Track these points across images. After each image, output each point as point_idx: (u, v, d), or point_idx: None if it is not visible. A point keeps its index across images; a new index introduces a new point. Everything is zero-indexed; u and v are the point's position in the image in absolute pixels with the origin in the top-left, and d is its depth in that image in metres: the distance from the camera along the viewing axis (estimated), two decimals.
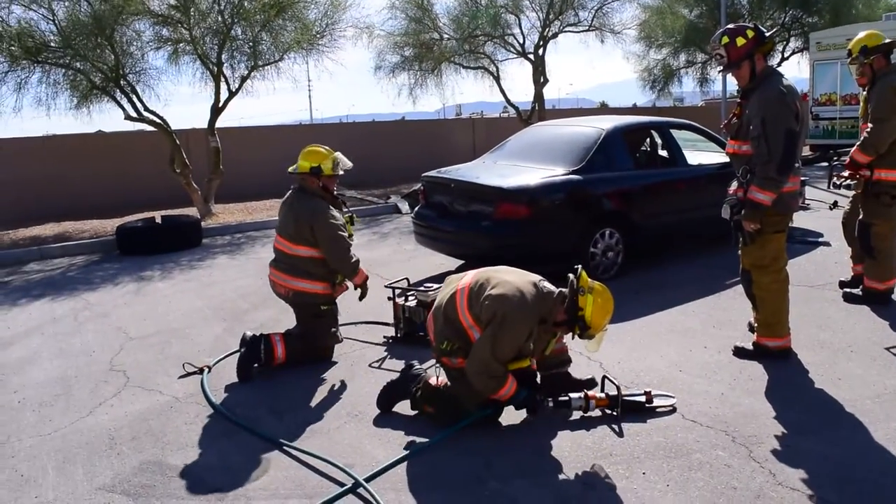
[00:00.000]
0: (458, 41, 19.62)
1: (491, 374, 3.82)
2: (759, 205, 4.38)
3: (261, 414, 4.37)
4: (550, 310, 3.90)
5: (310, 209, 5.11)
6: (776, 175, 4.32)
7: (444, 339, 4.01)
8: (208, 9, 12.99)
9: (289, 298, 5.27)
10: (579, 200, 6.91)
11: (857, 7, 22.54)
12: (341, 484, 3.47)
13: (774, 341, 4.75)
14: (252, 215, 13.11)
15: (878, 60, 5.74)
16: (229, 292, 7.57)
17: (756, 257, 4.62)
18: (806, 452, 3.53)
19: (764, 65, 4.50)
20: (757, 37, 4.42)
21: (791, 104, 4.31)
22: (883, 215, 5.71)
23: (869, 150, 5.61)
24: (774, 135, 4.29)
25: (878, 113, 5.57)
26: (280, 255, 5.27)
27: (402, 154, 17.87)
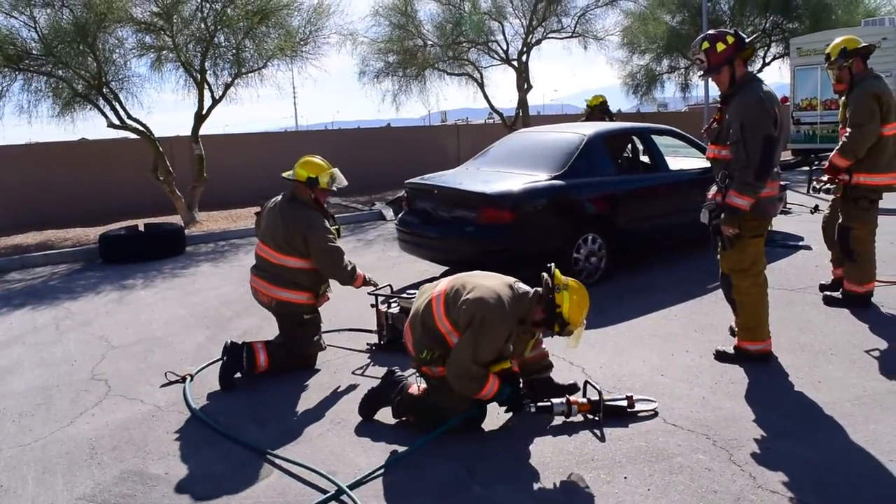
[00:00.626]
0: (442, 48, 19.68)
1: (472, 377, 3.84)
2: (737, 210, 4.41)
3: (243, 422, 4.35)
4: (528, 310, 3.94)
5: (304, 219, 5.06)
6: (754, 180, 4.34)
7: (423, 348, 4.01)
8: (191, 16, 12.99)
9: (271, 307, 5.25)
10: (562, 205, 6.95)
11: (837, 13, 22.76)
12: (324, 492, 3.47)
13: (755, 345, 4.78)
14: (236, 223, 13.06)
15: (857, 64, 5.77)
16: (212, 300, 7.54)
17: (735, 261, 4.65)
18: (786, 455, 3.56)
19: (744, 71, 4.54)
20: (737, 43, 4.45)
21: (770, 110, 4.34)
22: (861, 219, 5.76)
23: (848, 154, 5.65)
24: (753, 140, 4.32)
25: (857, 118, 5.61)
26: (263, 263, 5.23)
27: (388, 161, 17.87)
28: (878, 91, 5.63)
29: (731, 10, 23.42)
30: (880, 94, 5.62)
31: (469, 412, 3.99)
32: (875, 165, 5.65)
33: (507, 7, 20.36)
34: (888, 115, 5.64)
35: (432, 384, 4.05)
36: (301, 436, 4.12)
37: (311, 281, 5.19)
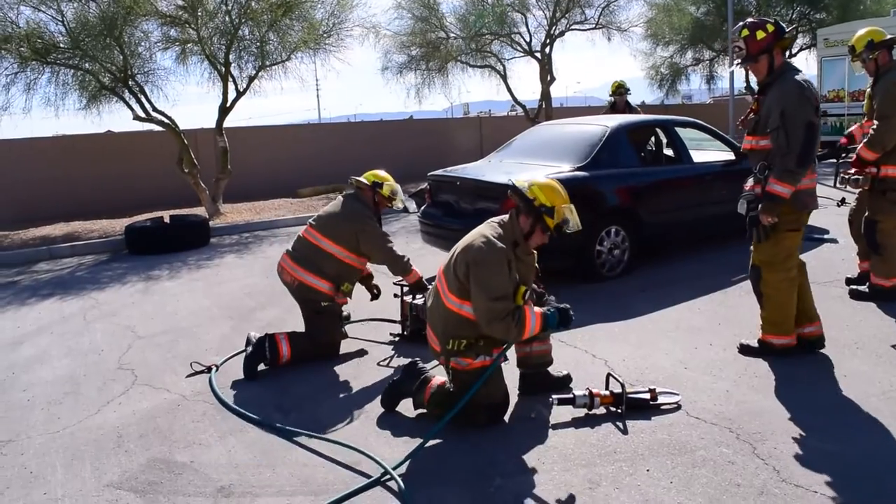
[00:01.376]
0: (465, 40, 19.66)
1: (501, 316, 3.77)
2: (776, 197, 4.35)
3: (268, 412, 4.39)
4: (513, 230, 3.98)
5: (360, 213, 5.35)
6: (795, 167, 4.29)
7: (448, 338, 4.01)
8: (216, 9, 13.06)
9: (293, 287, 5.35)
10: (584, 197, 6.88)
11: (866, 3, 22.45)
12: (363, 475, 3.52)
13: (780, 339, 4.72)
14: (260, 215, 13.15)
15: (883, 56, 5.70)
16: (237, 291, 7.61)
17: (769, 254, 4.58)
18: (811, 449, 3.53)
19: (782, 60, 4.48)
20: (777, 31, 4.39)
21: (811, 98, 4.31)
22: (888, 212, 5.71)
23: (876, 146, 5.58)
24: (794, 127, 4.26)
25: (885, 110, 5.54)
26: (300, 243, 5.40)
27: (410, 153, 17.89)
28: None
29: (757, 1, 23.12)
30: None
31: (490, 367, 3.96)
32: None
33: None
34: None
35: (462, 379, 4.01)
36: (324, 425, 4.15)
37: (337, 272, 5.27)
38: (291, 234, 11.28)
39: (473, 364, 3.97)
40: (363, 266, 5.49)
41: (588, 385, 4.20)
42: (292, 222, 12.44)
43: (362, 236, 5.24)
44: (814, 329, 4.80)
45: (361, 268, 5.48)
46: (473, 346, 3.97)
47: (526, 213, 3.96)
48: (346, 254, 5.28)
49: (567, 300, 6.01)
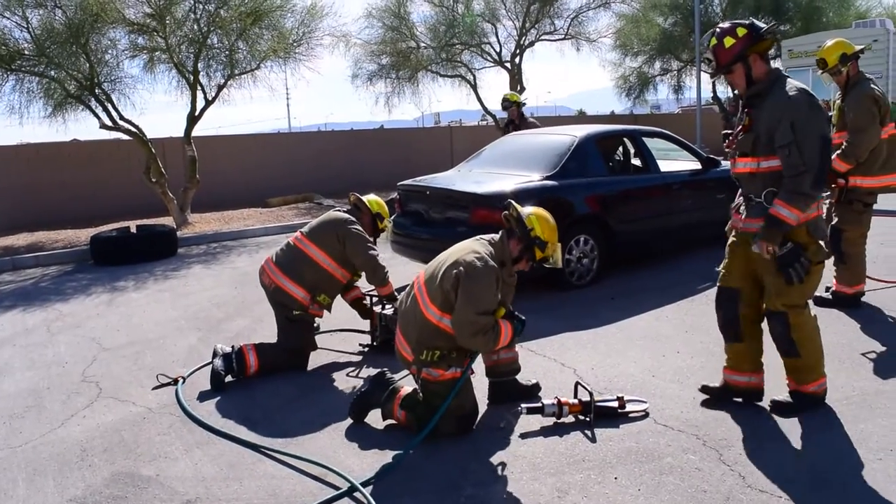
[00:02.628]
0: (435, 50, 19.74)
1: (484, 330, 3.85)
2: (783, 223, 3.67)
3: (234, 423, 4.35)
4: (503, 250, 4.06)
5: (348, 221, 5.33)
6: (811, 189, 3.63)
7: (422, 348, 4.01)
8: (184, 17, 12.98)
9: (269, 290, 5.32)
10: (553, 206, 6.91)
11: (828, 15, 22.99)
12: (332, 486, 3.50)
13: (816, 385, 4.06)
14: (229, 224, 13.05)
15: (853, 67, 5.78)
16: (204, 302, 7.53)
17: (798, 295, 3.89)
18: (775, 455, 3.58)
19: (766, 67, 3.84)
20: (750, 35, 3.76)
21: (822, 108, 3.77)
22: (854, 222, 5.81)
23: (850, 158, 5.63)
24: (808, 142, 3.62)
25: (859, 122, 5.59)
26: (288, 249, 5.38)
27: (381, 162, 17.87)
28: (876, 94, 5.65)
29: (722, 11, 23.56)
30: (878, 97, 5.64)
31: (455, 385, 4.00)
32: (870, 168, 5.68)
33: (500, 9, 20.44)
34: (884, 118, 5.66)
35: (432, 390, 4.00)
36: (292, 437, 4.12)
37: (315, 281, 5.24)
38: (261, 244, 11.25)
39: (445, 375, 3.98)
40: (345, 279, 5.44)
41: (557, 394, 4.22)
42: (261, 232, 12.36)
43: (347, 239, 5.21)
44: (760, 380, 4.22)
45: (342, 280, 5.42)
46: (446, 358, 3.98)
47: (519, 239, 4.06)
48: (328, 261, 5.23)
49: (536, 309, 6.08)
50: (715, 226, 6.03)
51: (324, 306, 5.37)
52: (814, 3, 23.04)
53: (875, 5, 26.79)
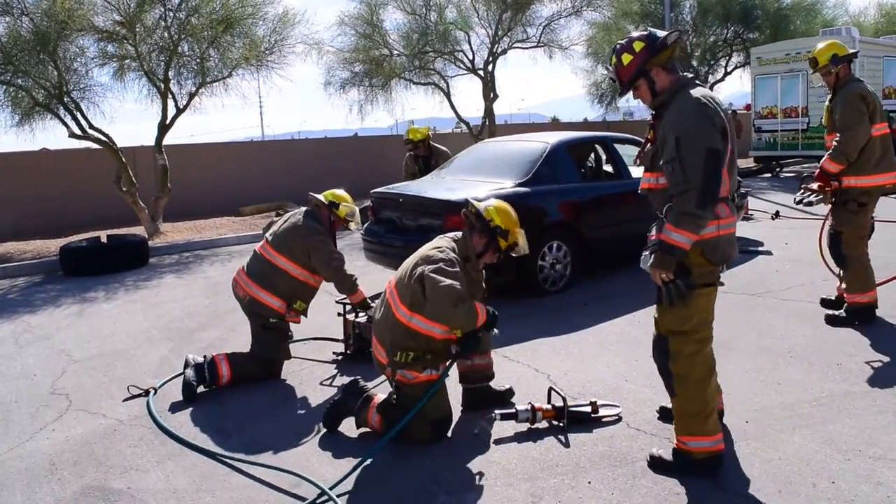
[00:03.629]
0: (408, 57, 19.73)
1: (462, 298, 3.87)
2: (674, 248, 3.28)
3: (208, 435, 4.31)
4: (466, 246, 4.16)
5: (312, 229, 5.27)
6: (695, 208, 3.21)
7: (396, 350, 4.02)
8: (154, 25, 12.88)
9: (244, 302, 5.28)
10: (526, 213, 6.95)
11: (796, 23, 23.38)
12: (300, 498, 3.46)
13: (700, 440, 3.48)
14: (201, 234, 12.93)
15: (844, 69, 5.67)
16: (176, 312, 7.46)
17: (677, 320, 3.45)
18: (747, 457, 3.62)
19: (671, 77, 3.47)
20: (648, 47, 3.43)
21: (714, 118, 3.27)
22: (851, 223, 5.62)
23: (840, 158, 5.50)
24: (691, 156, 3.23)
25: (847, 121, 5.48)
26: (255, 258, 5.34)
27: (355, 170, 17.77)
28: (863, 92, 5.54)
29: (692, 20, 23.84)
30: (865, 94, 5.52)
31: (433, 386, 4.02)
32: (864, 167, 5.52)
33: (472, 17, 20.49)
34: (874, 116, 5.54)
35: (407, 393, 4.02)
36: (265, 447, 4.09)
37: (289, 289, 5.22)
38: (233, 252, 11.17)
39: (420, 378, 3.99)
40: (318, 284, 5.42)
41: (530, 399, 4.24)
42: (234, 241, 12.27)
43: (313, 252, 5.18)
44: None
45: (316, 286, 5.41)
46: (420, 360, 4.00)
47: (481, 233, 4.14)
48: (299, 270, 5.22)
49: (510, 315, 6.09)
50: None
51: (300, 312, 5.35)
52: (782, 11, 23.45)
53: (841, 14, 27.40)
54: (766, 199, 13.66)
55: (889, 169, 5.58)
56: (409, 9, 19.76)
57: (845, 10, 28.36)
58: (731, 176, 3.38)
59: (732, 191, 3.44)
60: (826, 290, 6.27)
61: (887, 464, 3.46)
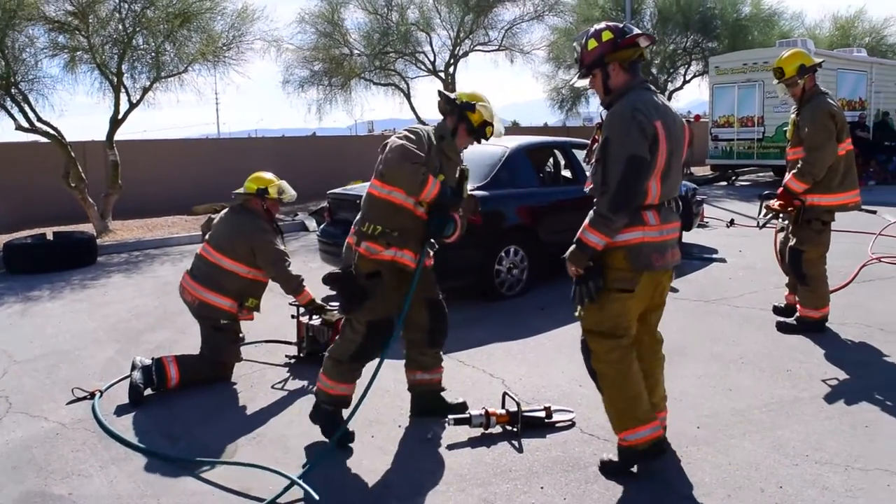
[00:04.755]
0: (369, 57, 19.66)
1: (413, 158, 3.81)
2: (586, 246, 3.34)
3: (154, 439, 4.19)
4: (441, 126, 4.16)
5: (253, 226, 5.16)
6: (607, 211, 3.26)
7: (364, 221, 3.99)
8: (108, 16, 12.59)
9: (193, 307, 5.17)
10: (483, 217, 6.96)
11: (753, 34, 23.83)
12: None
13: (635, 432, 3.50)
14: (152, 232, 12.68)
15: (810, 80, 5.54)
16: (124, 312, 7.27)
17: (594, 321, 3.51)
18: (698, 462, 3.65)
19: (626, 77, 3.43)
20: (613, 41, 3.39)
21: (644, 124, 3.25)
22: (814, 241, 5.55)
23: (807, 178, 5.40)
24: (613, 160, 3.27)
25: (815, 140, 5.36)
26: (199, 261, 5.21)
27: (312, 170, 17.62)
28: (833, 109, 5.43)
29: (653, 28, 24.12)
30: (834, 112, 5.42)
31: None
32: (828, 185, 5.45)
33: (434, 18, 20.51)
34: (841, 134, 5.45)
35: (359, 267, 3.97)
36: (215, 451, 3.99)
37: (238, 289, 5.12)
38: (185, 252, 10.96)
39: (382, 255, 3.93)
40: (268, 279, 5.31)
41: (484, 404, 4.22)
42: (186, 240, 12.04)
43: (258, 252, 5.09)
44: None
45: (266, 280, 5.31)
46: (386, 235, 3.93)
47: (450, 112, 4.12)
48: (246, 269, 5.12)
49: (466, 319, 6.08)
50: None
51: (253, 309, 5.26)
52: (740, 21, 23.89)
53: (798, 26, 28.08)
54: (721, 207, 13.92)
55: (852, 187, 5.57)
56: (370, 8, 19.71)
57: (801, 22, 29.03)
58: (664, 184, 3.37)
59: (667, 198, 3.43)
60: (778, 298, 6.36)
61: (833, 468, 3.52)
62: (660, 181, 3.35)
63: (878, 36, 30.29)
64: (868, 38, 29.79)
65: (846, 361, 5.04)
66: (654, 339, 3.75)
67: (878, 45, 29.36)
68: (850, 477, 3.43)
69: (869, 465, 3.54)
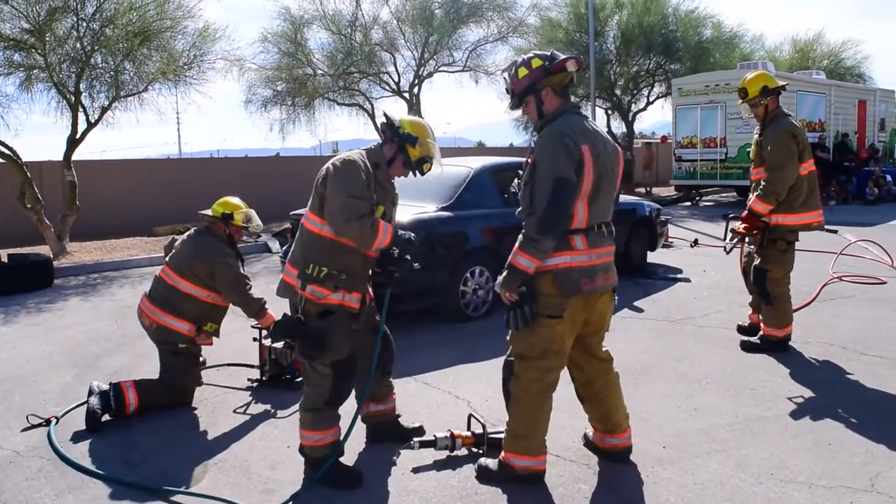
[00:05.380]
0: (333, 77, 19.64)
1: (358, 214, 3.57)
2: (517, 270, 3.40)
3: (112, 466, 4.07)
4: (377, 153, 3.91)
5: (214, 249, 5.06)
6: (535, 233, 3.32)
7: (309, 263, 3.73)
8: (66, 34, 12.41)
9: (151, 331, 5.07)
10: (448, 237, 6.97)
11: (715, 56, 24.24)
12: None
13: (523, 459, 3.61)
14: (111, 254, 12.45)
15: (773, 101, 5.61)
16: (81, 336, 7.10)
17: (524, 346, 3.55)
18: (664, 482, 3.64)
19: (559, 101, 3.51)
20: (543, 67, 3.47)
21: (570, 147, 3.30)
22: (778, 261, 5.60)
23: (770, 199, 5.45)
24: (540, 182, 3.33)
25: (777, 160, 5.42)
26: (158, 284, 5.11)
27: (276, 191, 17.42)
28: (794, 130, 5.50)
29: (616, 50, 24.44)
30: (796, 133, 5.49)
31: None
32: (791, 205, 5.51)
33: (398, 39, 20.59)
34: (803, 154, 5.51)
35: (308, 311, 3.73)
36: (175, 478, 3.89)
37: (197, 313, 5.03)
38: (145, 274, 10.76)
39: (330, 298, 3.71)
40: (228, 304, 5.22)
41: (450, 426, 4.17)
42: (146, 262, 11.84)
43: (217, 276, 4.99)
44: (618, 441, 3.87)
45: (226, 305, 5.22)
46: (333, 277, 3.71)
47: (391, 140, 3.92)
48: (206, 293, 5.03)
49: (432, 341, 6.04)
50: None
51: (212, 334, 5.16)
52: (702, 44, 24.29)
53: (758, 48, 28.73)
54: (685, 227, 14.10)
55: (815, 207, 5.65)
56: (333, 28, 19.73)
57: (762, 44, 29.68)
58: (592, 208, 3.42)
59: (596, 223, 3.48)
60: (742, 317, 6.43)
61: (797, 486, 3.54)
62: (587, 205, 3.39)
63: (837, 59, 31.10)
64: (827, 60, 30.56)
65: (809, 380, 5.10)
66: (601, 360, 3.80)
67: (836, 67, 30.11)
68: (814, 495, 3.45)
69: (832, 482, 3.57)
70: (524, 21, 22.18)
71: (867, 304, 7.23)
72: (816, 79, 21.28)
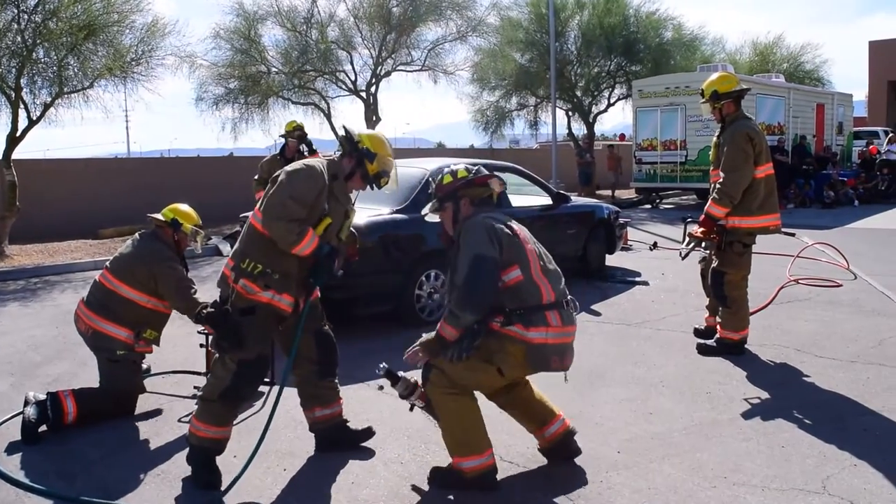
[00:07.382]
0: (287, 75, 19.35)
1: (289, 217, 3.62)
2: (443, 339, 3.64)
3: (49, 479, 3.88)
4: (337, 165, 3.95)
5: (157, 253, 4.91)
6: (457, 308, 3.54)
7: (245, 257, 3.76)
8: (6, 27, 11.96)
9: (87, 337, 4.89)
10: (403, 240, 6.87)
11: (676, 58, 24.28)
12: None
13: (469, 460, 3.60)
14: (53, 257, 12.06)
15: (728, 106, 5.63)
16: (19, 344, 6.82)
17: (459, 375, 3.62)
18: (618, 487, 3.61)
19: (473, 210, 3.81)
20: (467, 180, 3.84)
21: (499, 233, 3.59)
22: (735, 264, 5.62)
23: (725, 201, 5.47)
24: (462, 259, 3.58)
25: (732, 162, 5.46)
26: (95, 288, 4.94)
27: (229, 192, 17.00)
28: (751, 132, 5.53)
29: (577, 50, 24.38)
30: (753, 135, 5.51)
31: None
32: (748, 208, 5.52)
33: (355, 37, 20.37)
34: (760, 157, 5.53)
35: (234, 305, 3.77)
36: (114, 491, 3.72)
37: (136, 318, 4.84)
38: (88, 279, 10.38)
39: (259, 295, 3.73)
40: (170, 310, 5.05)
41: (405, 433, 4.10)
42: (90, 266, 11.43)
43: (159, 279, 4.82)
44: (555, 427, 3.92)
45: (168, 312, 5.05)
46: (266, 276, 3.73)
47: (350, 154, 3.96)
48: (146, 298, 4.86)
49: (387, 347, 5.92)
50: (567, 260, 6.07)
51: (151, 341, 4.98)
52: (663, 46, 24.18)
53: (719, 51, 28.97)
54: (645, 230, 14.20)
55: (772, 210, 5.66)
56: (288, 25, 19.44)
57: (722, 47, 29.77)
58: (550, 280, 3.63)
59: (563, 298, 3.64)
60: (699, 320, 6.43)
61: (750, 489, 3.53)
62: (544, 278, 3.61)
63: (796, 62, 31.41)
64: (786, 63, 30.87)
65: (765, 382, 5.13)
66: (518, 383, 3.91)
67: (795, 71, 30.46)
68: (766, 497, 3.45)
69: (785, 485, 3.57)
70: (484, 20, 22.06)
71: (823, 307, 7.31)
72: (776, 82, 21.51)
